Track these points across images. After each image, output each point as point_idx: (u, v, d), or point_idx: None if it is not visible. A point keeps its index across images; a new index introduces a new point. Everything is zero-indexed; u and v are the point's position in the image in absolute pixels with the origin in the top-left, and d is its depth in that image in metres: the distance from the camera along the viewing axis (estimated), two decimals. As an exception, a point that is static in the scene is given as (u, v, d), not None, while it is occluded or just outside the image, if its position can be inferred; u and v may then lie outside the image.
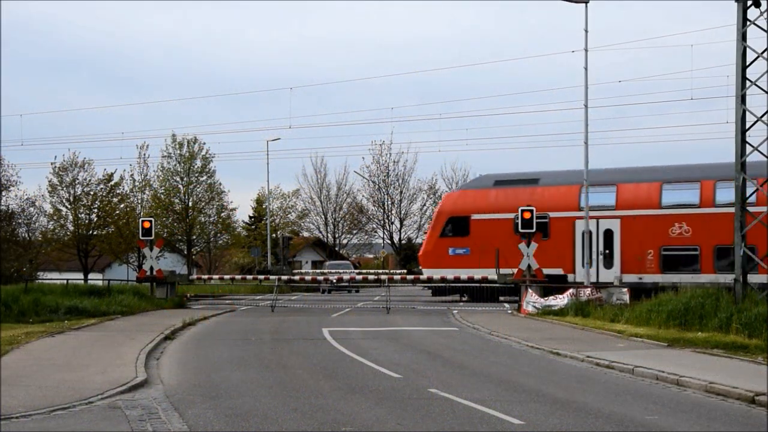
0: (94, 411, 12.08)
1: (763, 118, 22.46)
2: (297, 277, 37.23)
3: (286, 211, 70.18)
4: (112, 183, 62.23)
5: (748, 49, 22.58)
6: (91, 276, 49.11)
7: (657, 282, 32.44)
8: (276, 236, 62.60)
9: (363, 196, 72.97)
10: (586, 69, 31.55)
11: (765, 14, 22.27)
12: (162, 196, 54.80)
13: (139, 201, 54.48)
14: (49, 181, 62.90)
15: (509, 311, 31.24)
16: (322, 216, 72.85)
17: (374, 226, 74.07)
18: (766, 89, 22.40)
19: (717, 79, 73.78)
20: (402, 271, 52.07)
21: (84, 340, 20.81)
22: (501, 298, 35.66)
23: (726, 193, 30.69)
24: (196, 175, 61.44)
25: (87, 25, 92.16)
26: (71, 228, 49.73)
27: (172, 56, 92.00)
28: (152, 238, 35.61)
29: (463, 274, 34.20)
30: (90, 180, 62.91)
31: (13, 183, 62.58)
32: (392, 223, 72.37)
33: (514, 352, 19.63)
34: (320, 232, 73.79)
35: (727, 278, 25.28)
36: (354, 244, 77.52)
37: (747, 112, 22.57)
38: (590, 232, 33.36)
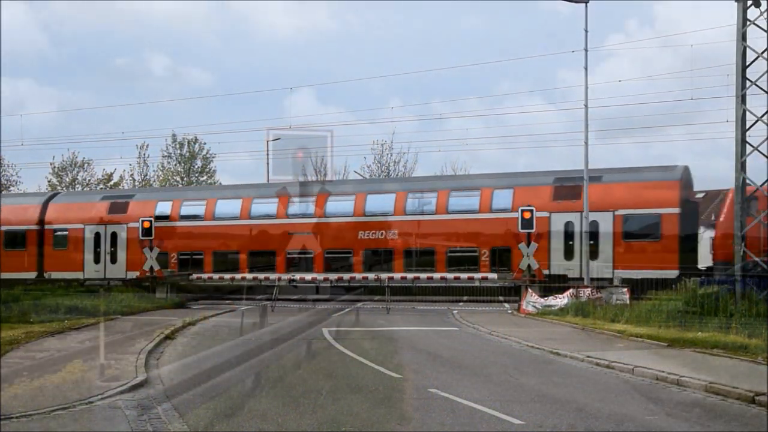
0: (94, 411, 12.08)
1: (763, 118, 22.47)
2: (297, 277, 37.12)
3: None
4: (112, 183, 62.50)
5: (748, 49, 22.60)
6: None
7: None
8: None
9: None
10: (586, 69, 31.56)
11: (765, 14, 22.29)
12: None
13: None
14: (49, 181, 63.22)
15: (509, 311, 31.24)
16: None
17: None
18: (766, 89, 22.42)
19: (717, 79, 73.76)
20: None
21: (84, 340, 20.80)
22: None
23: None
24: (196, 175, 61.58)
25: (87, 25, 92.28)
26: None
27: (173, 56, 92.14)
28: (152, 237, 35.67)
29: None
30: (90, 180, 63.21)
31: (13, 183, 62.98)
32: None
33: (514, 352, 19.63)
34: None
35: None
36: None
37: (747, 112, 22.58)
38: None
